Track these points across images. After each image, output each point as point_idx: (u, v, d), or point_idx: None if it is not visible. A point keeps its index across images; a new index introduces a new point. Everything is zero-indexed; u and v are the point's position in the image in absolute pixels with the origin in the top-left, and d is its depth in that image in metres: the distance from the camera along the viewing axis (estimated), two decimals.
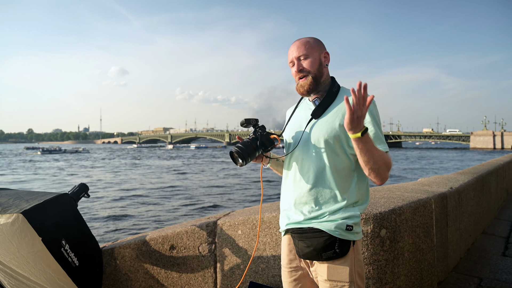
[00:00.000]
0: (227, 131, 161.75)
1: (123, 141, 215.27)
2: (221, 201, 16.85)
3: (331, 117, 1.54)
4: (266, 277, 2.43)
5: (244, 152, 1.54)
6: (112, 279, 2.92)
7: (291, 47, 1.61)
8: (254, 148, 1.56)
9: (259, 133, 1.58)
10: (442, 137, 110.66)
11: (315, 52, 1.58)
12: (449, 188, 3.43)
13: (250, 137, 1.59)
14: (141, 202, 16.45)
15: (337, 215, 1.50)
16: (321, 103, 1.57)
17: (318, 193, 1.52)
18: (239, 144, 1.57)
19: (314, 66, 1.57)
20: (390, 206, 2.34)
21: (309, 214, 1.53)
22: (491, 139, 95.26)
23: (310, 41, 1.59)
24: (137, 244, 2.85)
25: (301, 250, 1.55)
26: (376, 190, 3.02)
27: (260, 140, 1.58)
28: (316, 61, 1.57)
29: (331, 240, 1.48)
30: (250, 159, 1.57)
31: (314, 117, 1.57)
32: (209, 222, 2.68)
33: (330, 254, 1.48)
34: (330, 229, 1.48)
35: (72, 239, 2.46)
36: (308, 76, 1.56)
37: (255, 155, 1.59)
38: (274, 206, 2.59)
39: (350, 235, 1.49)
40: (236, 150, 1.54)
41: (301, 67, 1.57)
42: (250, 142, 1.57)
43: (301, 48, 1.57)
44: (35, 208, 2.28)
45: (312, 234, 1.51)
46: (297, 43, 1.60)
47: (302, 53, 1.57)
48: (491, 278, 3.19)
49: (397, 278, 2.28)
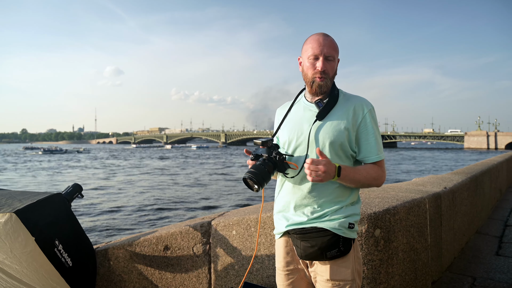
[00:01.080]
0: (222, 131, 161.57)
1: (118, 141, 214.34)
2: (215, 201, 16.82)
3: (337, 120, 1.54)
4: (260, 277, 2.42)
5: (258, 177, 1.46)
6: (105, 280, 2.89)
7: (320, 39, 1.53)
8: (269, 171, 1.49)
9: (277, 158, 1.51)
10: (437, 137, 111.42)
11: (336, 57, 1.57)
12: (443, 188, 3.45)
13: (264, 160, 1.51)
14: (136, 202, 16.38)
15: (339, 214, 1.51)
16: (326, 105, 1.56)
17: (320, 194, 1.53)
18: (251, 169, 1.49)
19: (333, 71, 1.57)
20: (384, 206, 2.34)
21: (312, 215, 1.53)
22: (485, 139, 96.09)
23: (336, 44, 1.57)
24: (131, 244, 2.83)
25: (304, 250, 1.53)
26: (371, 190, 3.02)
27: (276, 164, 1.51)
28: (335, 66, 1.58)
29: (335, 238, 1.48)
30: (266, 183, 1.50)
31: (319, 119, 1.55)
32: (203, 223, 2.67)
33: (334, 252, 1.49)
34: (334, 227, 1.49)
35: (66, 239, 2.44)
36: (326, 79, 1.54)
37: (270, 178, 1.52)
38: (268, 206, 2.58)
39: (352, 233, 1.52)
40: (249, 176, 1.46)
41: (326, 68, 1.53)
42: (263, 166, 1.49)
43: (331, 48, 1.53)
44: (28, 207, 2.26)
45: (315, 233, 1.51)
46: (328, 40, 1.53)
47: (331, 54, 1.53)
48: (484, 278, 3.21)
49: (391, 278, 2.28)
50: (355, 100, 1.58)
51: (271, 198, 1.97)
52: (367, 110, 1.55)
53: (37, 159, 55.55)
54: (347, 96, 1.61)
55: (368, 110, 1.55)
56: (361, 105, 1.56)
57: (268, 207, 2.57)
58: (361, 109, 1.55)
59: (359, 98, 1.60)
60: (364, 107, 1.55)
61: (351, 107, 1.55)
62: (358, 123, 1.54)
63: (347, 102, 1.57)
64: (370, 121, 1.55)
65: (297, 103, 1.68)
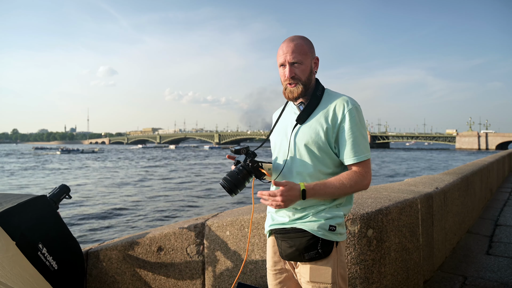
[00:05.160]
0: (216, 131, 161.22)
1: (111, 141, 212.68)
2: (209, 201, 16.78)
3: (315, 123, 1.52)
4: (254, 277, 2.43)
5: (231, 184, 1.50)
6: (98, 282, 2.88)
7: (284, 47, 1.53)
8: (242, 178, 1.51)
9: (249, 165, 1.53)
10: (429, 138, 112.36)
11: (307, 58, 1.52)
12: (435, 188, 3.48)
13: (239, 167, 1.53)
14: (130, 202, 16.28)
15: (320, 215, 1.49)
16: (305, 108, 1.54)
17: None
18: (226, 175, 1.52)
19: (305, 74, 1.52)
20: (377, 206, 2.36)
21: (293, 215, 1.53)
22: (476, 140, 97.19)
23: (304, 46, 1.52)
24: (124, 246, 2.82)
25: (284, 250, 1.54)
26: (363, 191, 3.05)
27: (251, 172, 1.53)
28: (308, 68, 1.53)
29: (313, 240, 1.47)
30: (239, 190, 1.52)
31: (299, 123, 1.55)
32: (197, 223, 2.67)
33: (312, 254, 1.47)
34: (312, 229, 1.47)
35: (50, 242, 2.39)
36: (298, 84, 1.52)
37: (245, 185, 1.53)
38: (263, 207, 2.59)
39: (333, 235, 1.48)
40: (223, 183, 1.51)
41: (293, 74, 1.51)
42: (237, 173, 1.51)
43: (296, 53, 1.50)
44: (8, 211, 2.20)
45: (294, 234, 1.51)
46: (291, 45, 1.51)
47: (296, 59, 1.50)
48: (475, 277, 3.25)
49: (383, 277, 2.30)
50: (336, 99, 1.52)
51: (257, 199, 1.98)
52: (347, 109, 1.48)
53: (58, 159, 54.26)
54: (331, 95, 1.56)
55: (348, 110, 1.47)
56: (342, 104, 1.49)
57: (262, 207, 2.58)
58: (341, 108, 1.48)
59: (341, 97, 1.53)
60: (345, 106, 1.48)
61: (331, 106, 1.51)
62: (338, 123, 1.48)
63: (328, 102, 1.53)
64: (350, 120, 1.47)
65: (288, 106, 1.69)
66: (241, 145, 1.58)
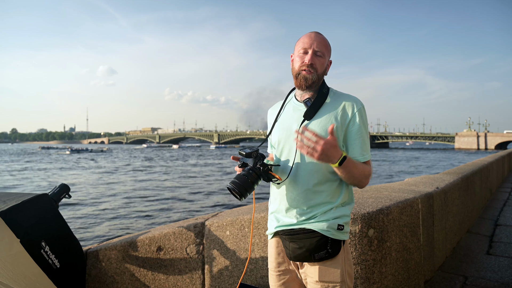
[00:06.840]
0: (215, 131, 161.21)
1: (110, 141, 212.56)
2: (209, 201, 16.77)
3: (324, 120, 1.51)
4: (254, 278, 2.42)
5: (241, 189, 1.46)
6: (97, 282, 2.86)
7: (312, 35, 1.55)
8: (252, 182, 1.48)
9: (260, 169, 1.51)
10: (428, 138, 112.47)
11: (327, 56, 1.56)
12: (435, 188, 3.47)
13: (248, 170, 1.50)
14: (128, 203, 16.26)
15: (328, 215, 1.49)
16: (313, 104, 1.54)
17: (311, 195, 1.51)
18: (235, 179, 1.48)
19: (322, 68, 1.55)
20: (377, 206, 2.35)
21: (301, 216, 1.52)
22: (475, 140, 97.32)
23: (328, 44, 1.57)
24: (124, 245, 2.80)
25: (292, 252, 1.53)
26: (364, 190, 3.04)
27: (261, 175, 1.51)
28: (324, 64, 1.56)
29: (323, 240, 1.47)
30: (249, 194, 1.49)
31: (307, 119, 1.54)
32: (197, 223, 2.65)
33: (322, 254, 1.47)
34: (322, 229, 1.47)
35: (53, 240, 2.40)
36: (314, 74, 1.53)
37: (254, 188, 1.51)
38: (263, 207, 2.57)
39: (341, 234, 1.50)
40: (232, 187, 1.46)
41: (314, 62, 1.52)
42: (246, 176, 1.48)
43: (322, 45, 1.54)
44: (13, 209, 2.20)
45: (303, 235, 1.50)
46: (320, 37, 1.55)
47: (320, 50, 1.53)
48: (476, 277, 3.24)
49: (384, 277, 2.29)
50: (345, 98, 1.55)
51: (263, 197, 1.96)
52: (357, 109, 1.52)
53: (73, 158, 53.84)
54: (338, 94, 1.58)
55: (357, 109, 1.52)
56: (351, 103, 1.52)
57: (262, 207, 2.57)
58: (350, 108, 1.52)
59: (349, 96, 1.56)
60: (354, 106, 1.52)
61: (340, 105, 1.53)
62: (347, 122, 1.51)
63: (336, 100, 1.55)
64: (359, 120, 1.51)
65: (288, 103, 1.67)
66: (252, 148, 1.55)
